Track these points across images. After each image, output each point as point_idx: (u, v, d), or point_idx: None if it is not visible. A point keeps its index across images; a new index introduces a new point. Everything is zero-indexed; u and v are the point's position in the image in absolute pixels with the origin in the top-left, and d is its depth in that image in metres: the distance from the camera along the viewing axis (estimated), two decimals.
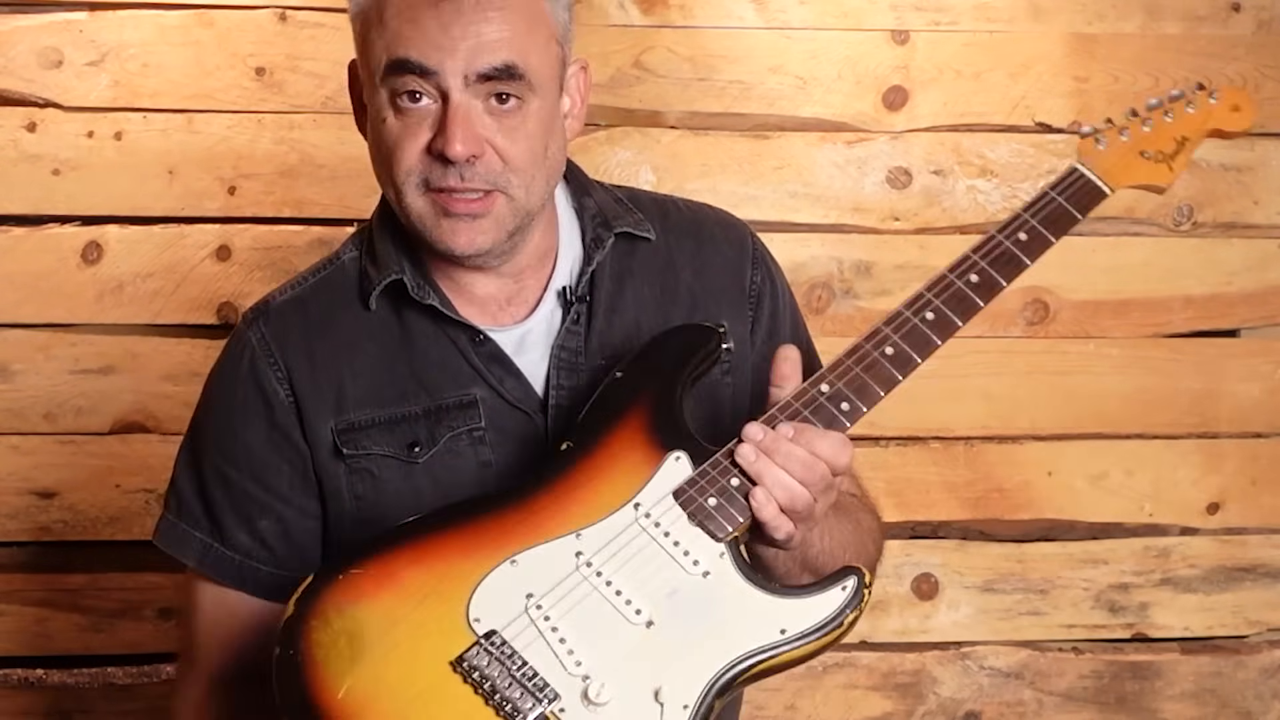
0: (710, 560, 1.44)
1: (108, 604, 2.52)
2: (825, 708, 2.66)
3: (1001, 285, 1.54)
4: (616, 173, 2.55)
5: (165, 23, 2.46)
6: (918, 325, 1.53)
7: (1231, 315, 2.69)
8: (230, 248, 2.50)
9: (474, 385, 1.62)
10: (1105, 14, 2.62)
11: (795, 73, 2.58)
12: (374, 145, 1.58)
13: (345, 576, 1.43)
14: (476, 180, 1.52)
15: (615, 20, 2.54)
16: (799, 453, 1.44)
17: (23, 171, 2.46)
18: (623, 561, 1.43)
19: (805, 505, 1.45)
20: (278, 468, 1.63)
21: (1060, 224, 1.56)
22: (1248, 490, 2.70)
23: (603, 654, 1.39)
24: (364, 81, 1.58)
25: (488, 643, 1.39)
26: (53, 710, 2.52)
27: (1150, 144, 1.61)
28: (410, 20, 1.50)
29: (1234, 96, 1.66)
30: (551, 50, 1.56)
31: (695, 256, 1.70)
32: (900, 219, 2.61)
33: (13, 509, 2.49)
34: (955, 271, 1.55)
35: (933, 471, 2.65)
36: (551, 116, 1.57)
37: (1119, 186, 1.59)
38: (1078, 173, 1.59)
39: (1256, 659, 2.72)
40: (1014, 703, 2.68)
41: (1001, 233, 1.56)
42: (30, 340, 2.48)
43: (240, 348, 1.65)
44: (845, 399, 1.49)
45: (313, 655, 1.39)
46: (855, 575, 1.44)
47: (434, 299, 1.61)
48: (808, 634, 1.41)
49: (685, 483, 1.47)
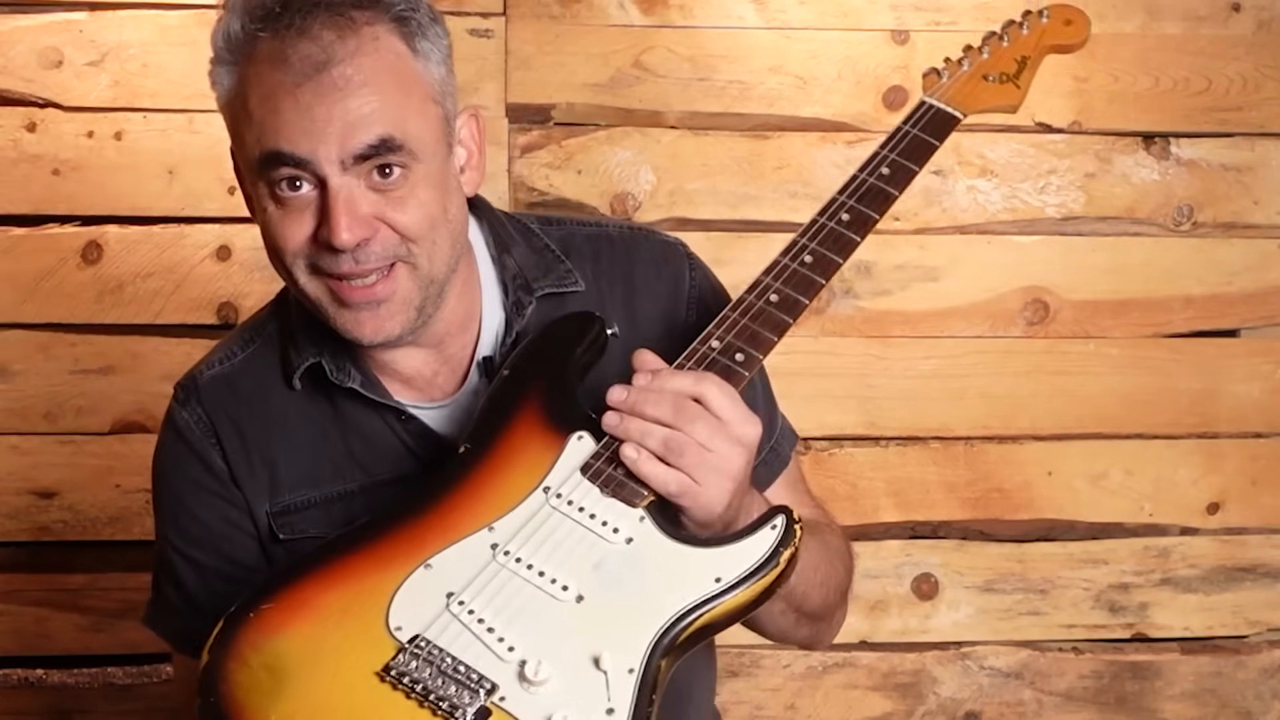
0: (631, 527, 1.40)
1: (108, 604, 2.52)
2: (825, 708, 2.66)
3: (874, 218, 1.56)
4: (616, 173, 2.55)
5: (165, 23, 2.46)
6: (798, 270, 1.51)
7: (1231, 315, 2.69)
8: (230, 248, 2.50)
9: (406, 462, 1.58)
10: (1105, 14, 2.61)
11: (795, 73, 2.58)
12: (263, 232, 1.51)
13: (256, 614, 1.39)
14: (372, 260, 1.45)
15: (615, 20, 2.54)
16: (662, 399, 1.40)
17: (23, 171, 2.46)
18: (540, 543, 1.40)
19: (691, 454, 1.38)
20: (241, 541, 1.60)
21: (920, 154, 1.60)
22: (1248, 490, 2.70)
23: (534, 635, 1.36)
24: (244, 170, 1.52)
25: (413, 646, 1.36)
26: (53, 710, 2.52)
27: (991, 68, 1.68)
28: (274, 109, 1.43)
29: (1064, 12, 1.72)
30: (429, 112, 1.48)
31: (626, 304, 1.63)
32: (900, 219, 2.61)
33: (13, 509, 2.49)
34: (826, 214, 1.56)
35: (933, 471, 2.65)
36: (443, 176, 1.50)
37: (970, 111, 1.64)
38: (926, 104, 1.63)
39: (1256, 659, 2.72)
40: (1014, 703, 2.68)
41: (864, 171, 1.60)
42: (30, 340, 2.48)
43: (176, 429, 1.62)
44: (738, 350, 1.46)
45: (234, 697, 1.34)
46: (783, 513, 1.41)
47: (355, 381, 1.56)
48: (744, 577, 1.38)
49: (591, 457, 1.43)
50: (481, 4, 2.50)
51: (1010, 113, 1.69)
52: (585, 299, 1.62)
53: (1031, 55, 1.69)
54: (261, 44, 1.44)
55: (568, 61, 2.54)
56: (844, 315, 2.61)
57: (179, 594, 1.64)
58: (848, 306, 2.61)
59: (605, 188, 2.56)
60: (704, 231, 2.52)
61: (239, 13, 1.47)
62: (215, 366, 1.63)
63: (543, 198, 2.54)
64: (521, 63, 2.52)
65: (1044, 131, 2.63)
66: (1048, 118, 2.62)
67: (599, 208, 2.55)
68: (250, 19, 1.45)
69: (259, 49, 1.45)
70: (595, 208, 2.55)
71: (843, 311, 2.61)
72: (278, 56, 1.43)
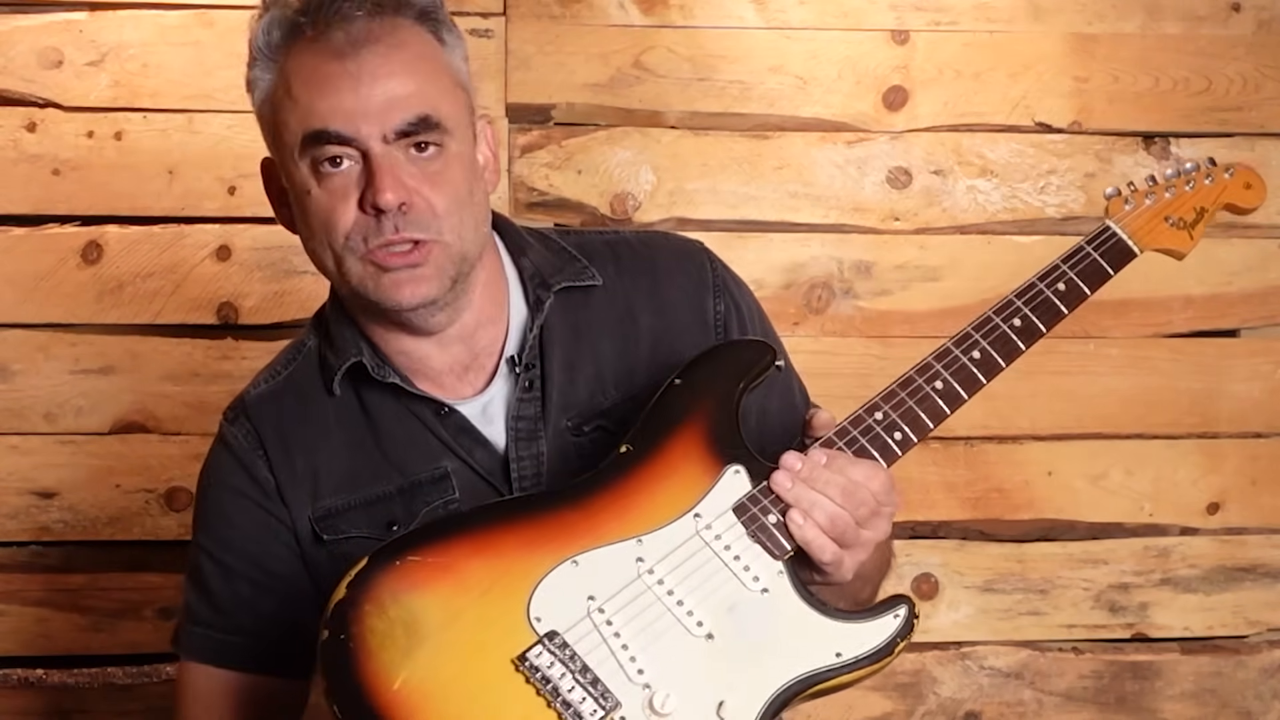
0: (769, 578, 1.44)
1: (108, 604, 2.52)
2: (825, 708, 2.65)
3: (1042, 331, 1.62)
4: (616, 173, 2.55)
5: (165, 23, 2.46)
6: (965, 364, 1.58)
7: (1231, 315, 2.69)
8: (230, 248, 2.50)
9: (444, 458, 1.62)
10: (1105, 14, 2.62)
11: (795, 73, 2.58)
12: (304, 221, 1.58)
13: (402, 563, 1.40)
14: (410, 229, 1.52)
15: (615, 20, 2.54)
16: (836, 478, 1.46)
17: (23, 171, 2.46)
18: (685, 573, 1.43)
19: (850, 530, 1.45)
20: (275, 551, 1.64)
21: (1095, 279, 1.64)
22: (1248, 490, 2.70)
23: (665, 664, 1.39)
24: (281, 165, 1.58)
25: (551, 643, 1.38)
26: (53, 710, 2.52)
27: (1174, 210, 1.69)
28: (318, 89, 1.51)
29: (1248, 175, 1.75)
30: (459, 96, 1.57)
31: (653, 296, 1.68)
32: (900, 219, 2.61)
33: (13, 509, 2.49)
34: (1001, 315, 1.61)
35: (933, 471, 2.65)
36: (470, 160, 1.58)
37: (1146, 249, 1.67)
38: (1110, 230, 1.65)
39: (1256, 659, 2.72)
40: (1014, 703, 2.68)
41: (1042, 281, 1.63)
42: (30, 340, 2.48)
43: (225, 443, 1.67)
44: (899, 429, 1.53)
45: (366, 642, 1.36)
46: (906, 604, 1.46)
47: (395, 376, 1.61)
48: (862, 659, 1.43)
49: (746, 498, 1.47)
50: (481, 4, 2.50)
51: (1177, 259, 1.71)
52: (608, 292, 1.67)
53: (1209, 208, 1.72)
54: (304, 36, 1.53)
55: (568, 61, 2.54)
56: (844, 315, 2.61)
57: (205, 601, 1.66)
58: (848, 306, 2.61)
59: (605, 188, 2.56)
60: (704, 231, 2.51)
61: (278, 14, 1.55)
62: (261, 385, 1.69)
63: (543, 198, 2.54)
64: (521, 63, 2.52)
65: (1044, 131, 2.63)
66: (1048, 118, 2.62)
67: (599, 208, 2.55)
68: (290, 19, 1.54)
69: (300, 40, 1.53)
70: (595, 208, 2.55)
71: (843, 311, 2.61)
72: (320, 42, 1.52)
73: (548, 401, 1.62)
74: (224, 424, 1.68)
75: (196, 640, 1.66)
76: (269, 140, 1.59)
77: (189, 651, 1.67)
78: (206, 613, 1.66)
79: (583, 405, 1.63)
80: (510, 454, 1.61)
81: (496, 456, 1.62)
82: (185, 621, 1.68)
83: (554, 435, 1.62)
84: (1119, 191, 1.69)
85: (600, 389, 1.64)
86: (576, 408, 1.63)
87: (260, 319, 2.51)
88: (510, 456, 1.61)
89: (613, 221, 2.55)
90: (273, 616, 1.62)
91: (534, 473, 1.61)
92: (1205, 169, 1.73)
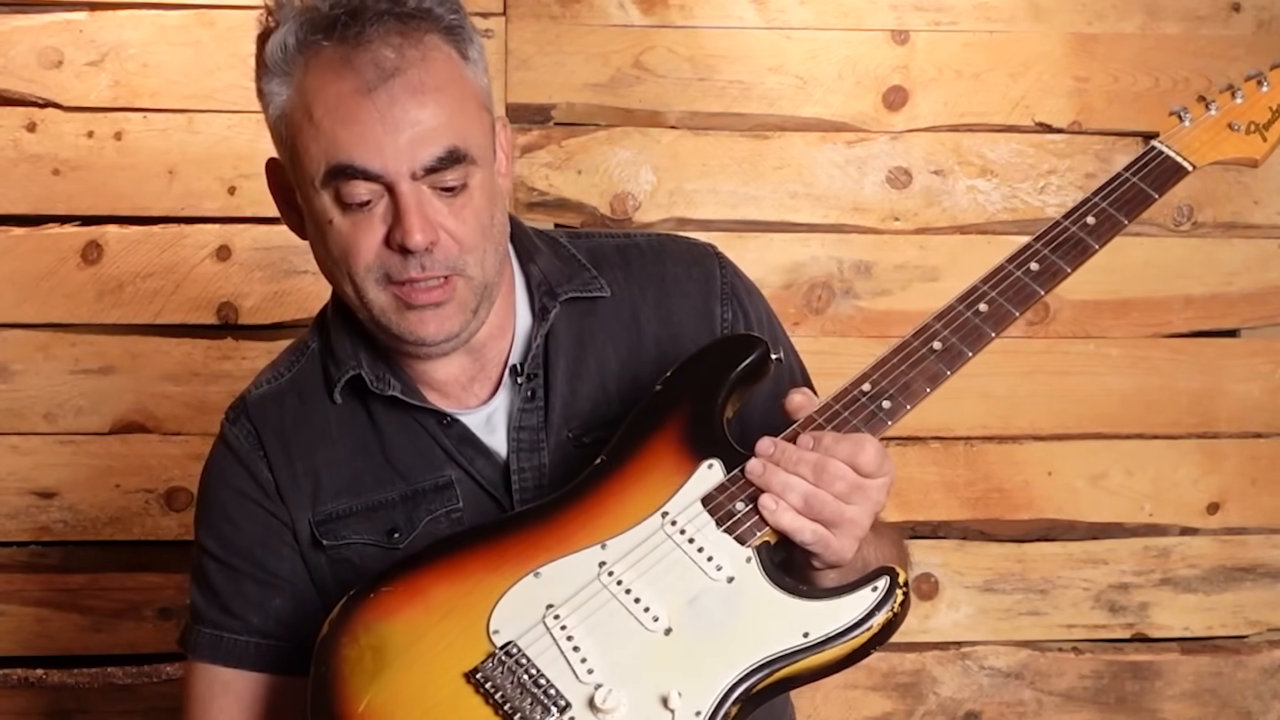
0: (735, 565, 1.40)
1: (108, 604, 2.52)
2: (825, 708, 2.66)
3: (1067, 272, 1.44)
4: (616, 173, 2.55)
5: (165, 23, 2.46)
6: (970, 318, 1.44)
7: (1231, 315, 2.69)
8: (230, 248, 2.50)
9: (447, 467, 1.61)
10: (1105, 14, 2.62)
11: (795, 73, 2.58)
12: (323, 245, 1.53)
13: (375, 595, 1.44)
14: (436, 268, 1.49)
15: (615, 20, 2.54)
16: (809, 456, 1.40)
17: (23, 171, 2.46)
18: (643, 569, 1.41)
19: (829, 506, 1.40)
20: (277, 551, 1.63)
21: (1133, 205, 1.46)
22: (1248, 490, 2.70)
23: (616, 662, 1.38)
24: (298, 185, 1.53)
25: (503, 653, 1.39)
26: (53, 710, 2.52)
27: (1241, 114, 1.51)
28: (343, 120, 1.45)
29: None
30: (483, 120, 1.53)
31: (660, 306, 1.64)
32: (900, 219, 2.61)
33: (13, 509, 2.49)
34: (1014, 261, 1.45)
35: (933, 471, 2.65)
36: (493, 184, 1.54)
37: (1203, 163, 1.48)
38: (1155, 149, 1.48)
39: (1256, 659, 2.72)
40: (1014, 703, 2.68)
41: (1068, 218, 1.47)
42: (30, 340, 2.48)
43: (226, 443, 1.66)
44: (886, 396, 1.43)
45: (340, 671, 1.40)
46: (888, 575, 1.40)
47: (395, 389, 1.60)
48: (832, 637, 1.37)
49: (715, 489, 1.44)
50: (481, 4, 2.50)
51: (1250, 167, 1.52)
52: (615, 304, 1.64)
53: None
54: (324, 53, 1.46)
55: (568, 61, 2.54)
56: (844, 315, 2.61)
57: (211, 601, 1.66)
58: (848, 306, 2.61)
59: (605, 188, 2.56)
60: (704, 231, 2.52)
61: (295, 24, 1.48)
62: (263, 386, 1.67)
63: (543, 198, 2.54)
64: (521, 63, 2.52)
65: (1044, 131, 2.63)
66: (1048, 118, 2.62)
67: (599, 208, 2.55)
68: (310, 29, 1.47)
69: (320, 59, 1.46)
70: (595, 208, 2.55)
71: (843, 311, 2.61)
72: (343, 65, 1.45)
73: (550, 412, 1.61)
74: (225, 424, 1.67)
75: (204, 640, 1.66)
76: (284, 157, 1.55)
77: (197, 652, 1.66)
78: (213, 613, 1.65)
79: (585, 416, 1.61)
80: (512, 464, 1.60)
81: (498, 467, 1.60)
82: (192, 622, 1.68)
83: (556, 446, 1.60)
84: (1180, 109, 1.51)
85: (604, 399, 1.62)
86: (579, 418, 1.61)
87: (260, 319, 2.51)
88: (512, 467, 1.60)
89: (613, 222, 2.55)
90: (279, 616, 1.62)
91: (536, 483, 1.59)
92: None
